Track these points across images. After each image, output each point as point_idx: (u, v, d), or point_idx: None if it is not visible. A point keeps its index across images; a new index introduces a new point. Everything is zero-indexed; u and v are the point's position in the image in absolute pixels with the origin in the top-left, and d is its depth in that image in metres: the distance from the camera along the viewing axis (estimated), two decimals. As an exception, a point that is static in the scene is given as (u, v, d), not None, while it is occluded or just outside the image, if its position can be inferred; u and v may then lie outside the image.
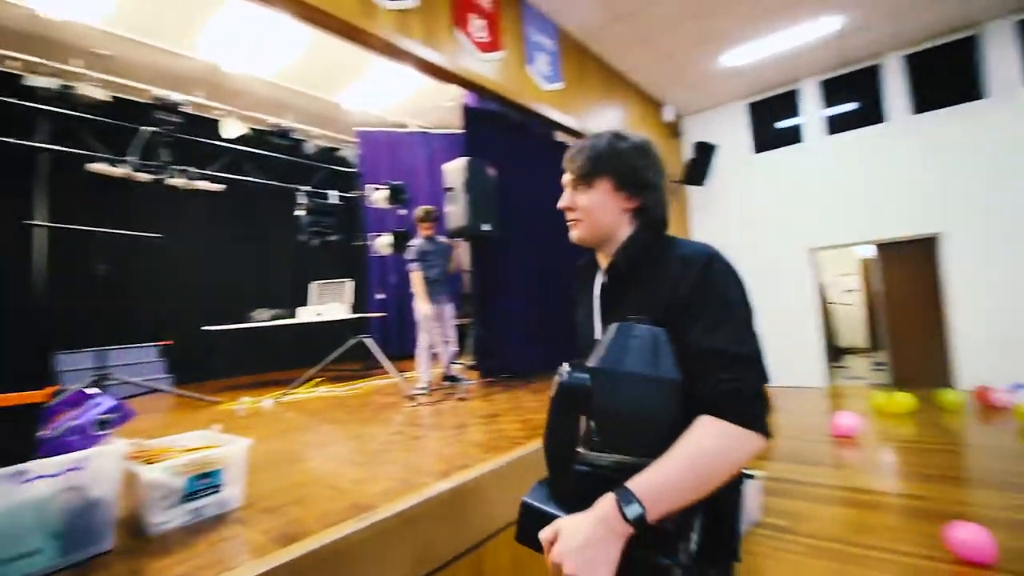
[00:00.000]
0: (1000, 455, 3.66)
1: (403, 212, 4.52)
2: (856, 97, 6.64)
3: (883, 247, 6.49)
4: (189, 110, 5.05)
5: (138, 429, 3.08)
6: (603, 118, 5.66)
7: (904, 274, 6.36)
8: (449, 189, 3.67)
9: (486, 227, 3.68)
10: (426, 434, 2.54)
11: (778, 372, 0.94)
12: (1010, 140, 5.55)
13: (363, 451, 2.28)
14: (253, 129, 5.57)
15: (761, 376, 0.80)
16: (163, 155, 4.72)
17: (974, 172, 5.73)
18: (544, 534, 0.75)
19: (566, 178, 1.00)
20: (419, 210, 3.87)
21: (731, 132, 7.40)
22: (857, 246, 7.06)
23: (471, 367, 3.92)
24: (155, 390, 3.92)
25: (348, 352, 3.77)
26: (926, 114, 6.10)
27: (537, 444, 2.14)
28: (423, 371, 3.80)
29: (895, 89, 6.28)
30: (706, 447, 0.74)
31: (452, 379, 3.87)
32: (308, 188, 5.45)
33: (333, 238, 4.37)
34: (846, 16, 5.37)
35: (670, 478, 0.72)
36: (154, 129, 4.58)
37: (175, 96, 4.79)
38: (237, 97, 5.68)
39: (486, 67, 3.90)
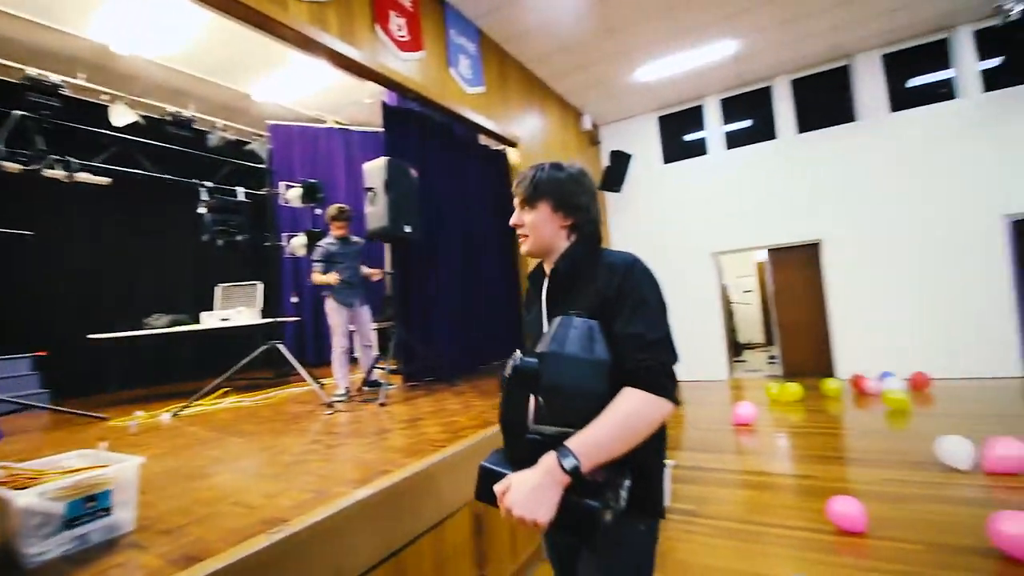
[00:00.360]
0: (872, 436, 4.18)
1: (319, 211, 4.33)
2: (752, 115, 7.30)
3: (774, 251, 7.18)
4: (70, 93, 4.51)
5: (8, 451, 2.70)
6: (525, 124, 5.78)
7: (792, 276, 7.07)
8: (369, 189, 3.57)
9: (408, 229, 3.62)
10: (344, 442, 2.45)
11: (686, 367, 1.15)
12: (878, 158, 6.36)
13: (276, 463, 2.16)
14: (146, 117, 5.07)
15: (671, 356, 0.99)
16: (38, 143, 4.16)
17: (848, 186, 6.51)
18: (498, 487, 0.91)
19: (516, 200, 1.19)
20: (332, 208, 3.71)
21: (644, 142, 7.85)
22: (753, 250, 7.74)
23: (393, 371, 3.83)
24: (28, 406, 3.44)
25: (260, 359, 3.53)
26: (808, 133, 6.84)
27: (458, 447, 2.14)
28: (340, 377, 3.66)
29: (784, 110, 6.98)
30: (627, 411, 0.91)
31: (373, 384, 3.76)
32: (211, 184, 5.05)
33: (240, 238, 4.08)
34: (741, 41, 5.90)
35: (599, 436, 0.89)
36: (26, 113, 4.03)
37: (53, 77, 4.25)
38: (130, 82, 5.16)
39: (407, 66, 3.85)
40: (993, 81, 5.91)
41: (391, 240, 3.68)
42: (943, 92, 6.16)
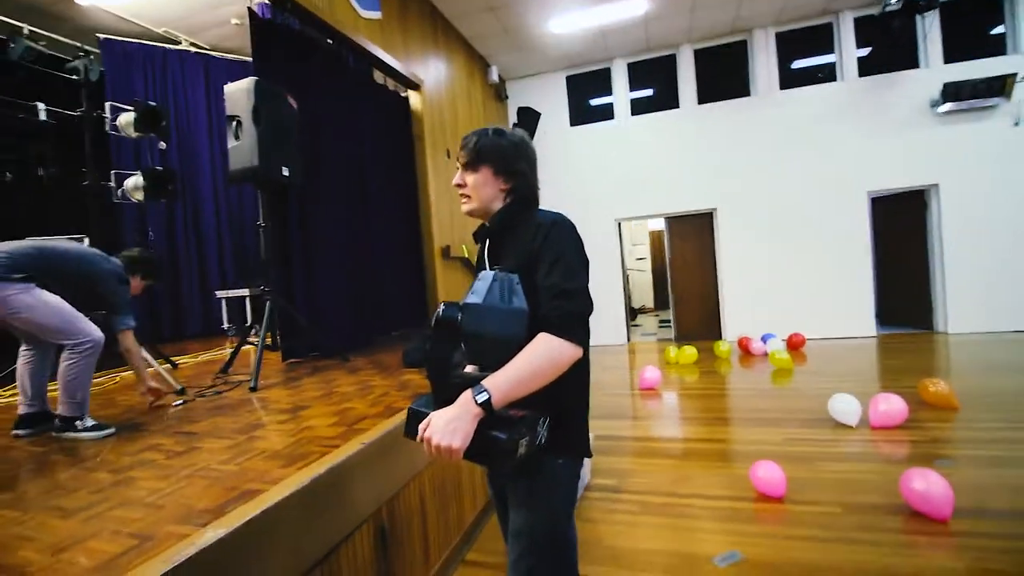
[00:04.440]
0: (766, 396, 4.37)
1: (163, 145, 3.38)
2: (656, 83, 7.28)
3: (672, 219, 7.34)
4: None
5: None
6: (428, 68, 5.12)
7: (687, 244, 7.30)
8: (232, 118, 2.78)
9: (285, 172, 2.90)
10: (196, 447, 1.83)
11: (592, 332, 1.14)
12: (767, 133, 6.65)
13: (83, 488, 1.51)
14: None
15: (583, 305, 1.04)
16: None
17: (742, 158, 6.76)
18: (422, 424, 0.98)
19: (459, 162, 1.23)
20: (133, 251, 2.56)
21: (551, 102, 7.52)
22: (652, 218, 7.88)
23: (268, 347, 3.14)
24: None
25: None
26: (708, 105, 6.97)
27: (356, 447, 1.65)
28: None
29: (686, 79, 7.03)
30: (537, 352, 0.99)
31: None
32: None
33: (42, 172, 3.03)
34: (650, 1, 5.71)
35: (510, 374, 0.96)
36: None
37: None
38: None
39: (282, -36, 3.05)
40: (867, 67, 6.39)
41: (262, 185, 2.94)
42: (826, 74, 6.56)
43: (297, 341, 3.47)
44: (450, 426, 0.92)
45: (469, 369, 1.07)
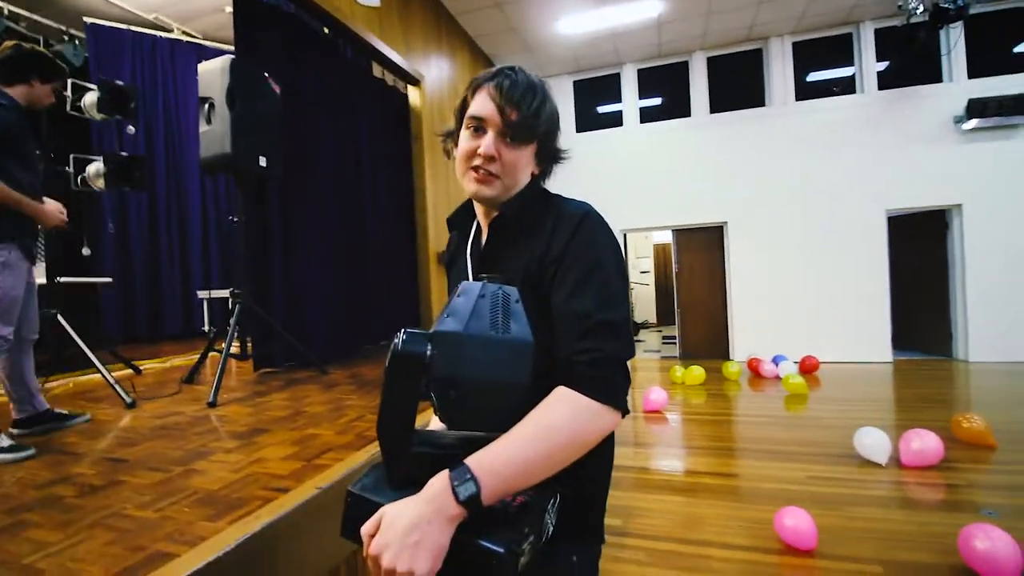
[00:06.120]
0: (782, 424, 4.04)
1: (132, 130, 3.10)
2: (667, 90, 7.02)
3: (680, 232, 7.05)
4: None
5: None
6: (429, 65, 4.85)
7: (696, 258, 7.00)
8: (205, 100, 2.50)
9: (263, 162, 2.61)
10: (117, 481, 1.51)
11: None
12: (782, 146, 6.38)
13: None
14: None
15: (624, 347, 0.71)
16: None
17: (754, 171, 6.48)
18: (365, 526, 0.61)
19: (496, 118, 0.79)
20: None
21: (558, 106, 7.25)
22: (659, 230, 7.60)
23: (237, 356, 2.83)
24: None
25: (42, 339, 2.35)
26: (721, 114, 6.71)
27: (308, 495, 1.33)
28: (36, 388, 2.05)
29: (699, 87, 6.78)
30: (556, 419, 0.66)
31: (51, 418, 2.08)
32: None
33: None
34: (665, 2, 5.47)
35: (512, 453, 0.63)
36: None
37: None
38: None
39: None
40: (888, 80, 6.14)
41: (237, 175, 2.65)
42: (845, 86, 6.31)
43: (271, 349, 3.15)
44: (412, 536, 0.57)
45: (435, 425, 0.74)
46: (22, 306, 1.86)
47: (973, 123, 5.60)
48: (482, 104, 0.80)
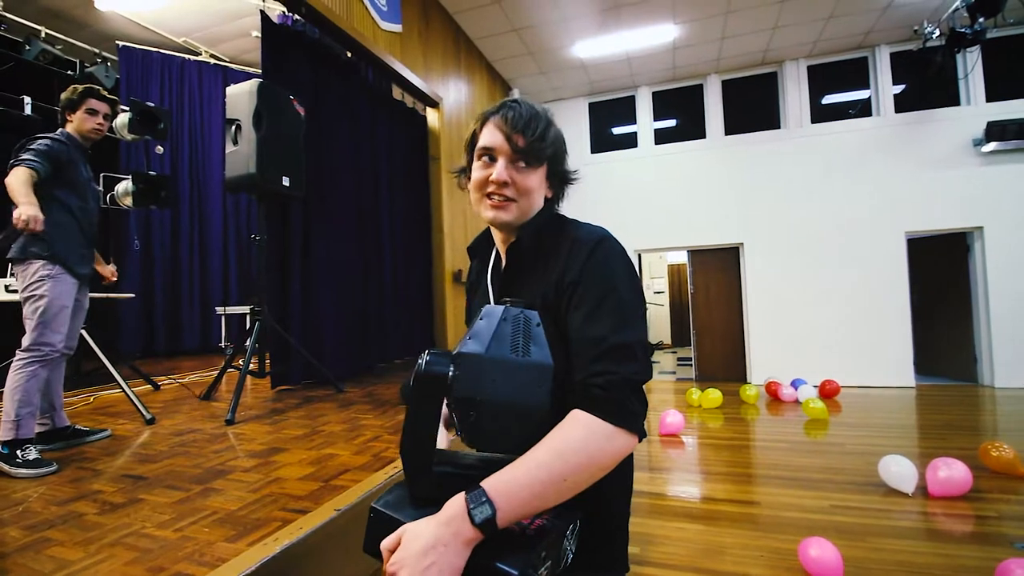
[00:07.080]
0: (803, 451, 3.94)
1: (161, 149, 3.19)
2: (682, 112, 7.07)
3: (695, 253, 7.02)
4: None
5: None
6: (448, 87, 4.95)
7: (711, 279, 6.95)
8: (231, 122, 2.57)
9: (286, 182, 2.67)
10: (135, 499, 1.51)
11: None
12: (798, 168, 6.36)
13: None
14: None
15: (641, 369, 0.71)
16: None
17: (770, 192, 6.46)
18: (385, 542, 0.64)
19: (505, 147, 0.83)
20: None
21: (572, 129, 7.34)
22: (675, 250, 7.57)
23: (254, 373, 2.85)
24: None
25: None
26: (735, 136, 6.72)
27: (325, 518, 1.32)
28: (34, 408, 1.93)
29: (713, 109, 6.81)
30: (568, 444, 0.66)
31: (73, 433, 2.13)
32: None
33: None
34: (681, 27, 5.54)
35: (527, 477, 0.63)
36: None
37: None
38: None
39: (299, -33, 2.88)
40: (904, 103, 6.12)
41: (260, 195, 2.70)
42: (861, 109, 6.30)
43: (288, 367, 3.17)
44: (428, 558, 0.58)
45: (444, 443, 0.75)
46: (77, 319, 1.98)
47: (992, 146, 5.54)
48: (491, 135, 0.83)
